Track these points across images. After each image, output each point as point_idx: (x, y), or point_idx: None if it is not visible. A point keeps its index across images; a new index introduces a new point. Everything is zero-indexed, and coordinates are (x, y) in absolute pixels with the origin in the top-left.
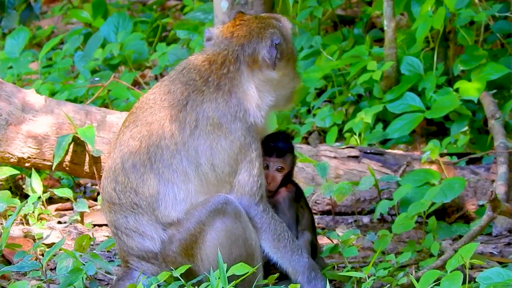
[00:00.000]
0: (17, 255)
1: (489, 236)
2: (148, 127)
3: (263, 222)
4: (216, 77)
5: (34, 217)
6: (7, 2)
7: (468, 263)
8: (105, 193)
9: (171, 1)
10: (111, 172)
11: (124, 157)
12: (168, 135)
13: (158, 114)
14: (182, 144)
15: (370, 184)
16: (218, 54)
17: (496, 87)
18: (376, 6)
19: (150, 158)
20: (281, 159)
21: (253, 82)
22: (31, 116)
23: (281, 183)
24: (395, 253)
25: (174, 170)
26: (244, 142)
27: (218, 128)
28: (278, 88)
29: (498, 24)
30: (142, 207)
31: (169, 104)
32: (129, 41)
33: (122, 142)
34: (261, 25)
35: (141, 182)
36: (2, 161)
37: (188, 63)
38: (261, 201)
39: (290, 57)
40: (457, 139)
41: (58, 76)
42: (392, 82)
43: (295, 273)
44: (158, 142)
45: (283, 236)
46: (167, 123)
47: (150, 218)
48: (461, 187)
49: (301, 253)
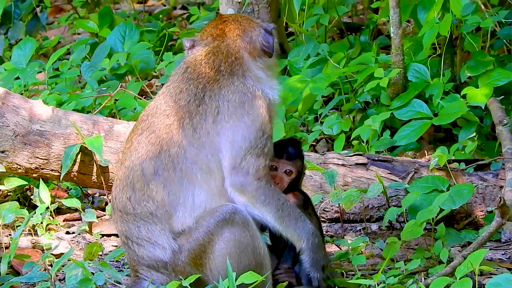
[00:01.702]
0: (26, 266)
1: (498, 242)
2: (167, 129)
3: (266, 195)
4: (227, 65)
5: (42, 228)
6: (14, 12)
7: (477, 270)
8: (117, 202)
9: (177, 11)
10: (125, 181)
11: (144, 164)
12: (190, 132)
13: (176, 115)
14: (206, 134)
15: (378, 191)
16: (218, 47)
17: (503, 93)
18: (382, 13)
19: (173, 160)
20: (290, 162)
21: (259, 68)
22: (39, 127)
23: (288, 190)
24: (404, 260)
25: (199, 169)
26: (265, 119)
27: (241, 106)
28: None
29: (504, 30)
30: (158, 216)
31: (186, 102)
32: (135, 50)
33: (138, 149)
34: (246, 19)
35: (162, 188)
36: (10, 172)
37: (189, 63)
38: (264, 176)
39: None
40: (465, 145)
41: (65, 86)
42: (399, 89)
43: (299, 239)
44: (180, 141)
45: (286, 206)
46: (187, 120)
47: (163, 228)
48: (470, 194)
49: (305, 220)
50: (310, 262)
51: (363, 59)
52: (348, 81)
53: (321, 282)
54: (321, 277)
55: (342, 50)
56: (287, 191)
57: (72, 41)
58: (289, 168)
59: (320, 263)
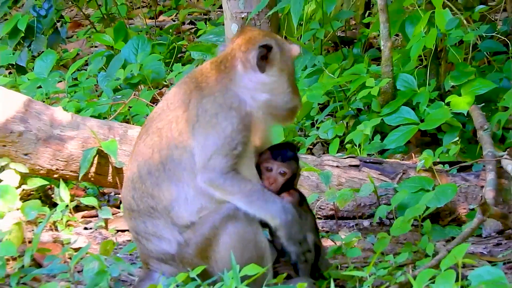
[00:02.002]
0: (47, 259)
1: (479, 237)
2: (159, 132)
3: (233, 185)
4: (215, 72)
5: (62, 224)
6: (36, 27)
7: (460, 263)
8: (125, 201)
9: (186, 25)
10: (129, 182)
11: (139, 166)
12: (176, 135)
13: (166, 118)
14: (187, 139)
15: (369, 190)
16: (219, 56)
17: (484, 100)
18: (373, 28)
19: (162, 162)
20: (285, 164)
21: (248, 80)
22: (59, 131)
23: (284, 188)
24: (393, 253)
25: (183, 169)
26: (237, 127)
27: (215, 117)
28: (271, 93)
29: (485, 43)
30: (158, 211)
31: (175, 107)
32: (147, 62)
33: (137, 153)
34: (261, 33)
35: (156, 186)
36: (32, 173)
37: (195, 69)
38: (229, 171)
39: (283, 68)
40: (449, 148)
41: (83, 94)
42: (389, 97)
43: (272, 218)
44: (167, 145)
45: (253, 191)
46: (174, 124)
47: (166, 221)
48: (453, 193)
49: (274, 201)
50: (286, 237)
51: (355, 70)
52: (342, 90)
53: (299, 256)
54: (299, 250)
55: (337, 62)
56: (283, 189)
57: (90, 53)
58: (283, 170)
59: (296, 238)
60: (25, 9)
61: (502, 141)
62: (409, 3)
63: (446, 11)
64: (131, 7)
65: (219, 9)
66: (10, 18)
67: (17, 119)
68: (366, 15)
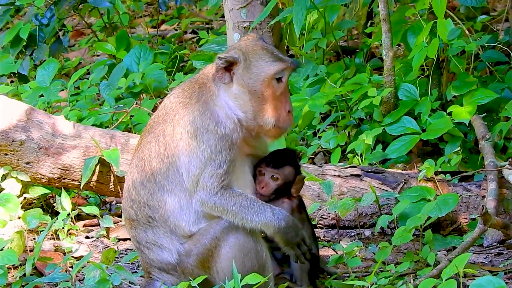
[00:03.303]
0: (48, 267)
1: (480, 247)
2: (148, 145)
3: (223, 204)
4: (198, 87)
5: (64, 233)
6: (38, 36)
7: (461, 272)
8: (124, 211)
9: (188, 35)
10: (127, 193)
11: (134, 177)
12: (162, 149)
13: (154, 132)
14: (172, 155)
15: (371, 200)
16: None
17: (486, 110)
18: (375, 38)
19: (153, 173)
20: (277, 170)
21: (223, 93)
22: (61, 140)
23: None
24: (394, 263)
25: (171, 181)
26: (215, 149)
27: (194, 139)
28: (241, 110)
29: (487, 53)
30: (156, 220)
31: (162, 120)
32: (149, 71)
33: (132, 164)
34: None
35: (150, 197)
36: (34, 182)
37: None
38: (219, 190)
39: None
40: (451, 158)
41: (85, 103)
42: (391, 107)
43: (267, 227)
44: (156, 157)
45: (243, 206)
46: (161, 138)
47: (165, 230)
48: (455, 203)
49: (265, 210)
50: (283, 243)
51: (357, 80)
52: (344, 99)
53: (300, 258)
54: (298, 253)
55: (339, 71)
56: (281, 195)
57: (92, 62)
58: (274, 175)
59: (293, 241)
60: (27, 18)
61: (503, 151)
62: (411, 13)
63: (448, 21)
64: (133, 16)
65: (221, 18)
66: (12, 27)
67: (19, 128)
68: (368, 25)
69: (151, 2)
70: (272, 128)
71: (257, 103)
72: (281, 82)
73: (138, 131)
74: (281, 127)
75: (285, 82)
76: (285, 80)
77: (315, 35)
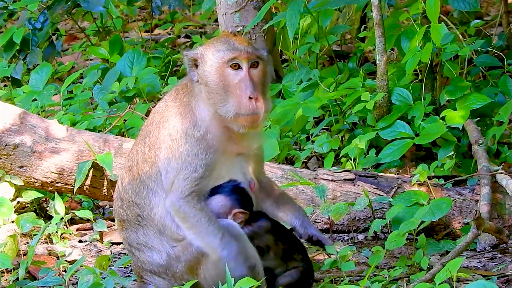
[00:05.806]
0: (42, 271)
1: (473, 251)
2: (136, 146)
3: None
4: (181, 89)
5: (57, 237)
6: (32, 40)
7: (455, 277)
8: (116, 212)
9: (181, 39)
10: (117, 193)
11: (122, 177)
12: (147, 150)
13: (142, 133)
14: (154, 156)
15: (364, 204)
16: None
17: (479, 115)
18: (369, 42)
19: (138, 172)
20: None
21: (199, 92)
22: (54, 144)
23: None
24: (388, 267)
25: (154, 181)
26: (191, 152)
27: (175, 142)
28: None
29: (480, 58)
30: (145, 218)
31: (150, 123)
32: (143, 75)
33: (123, 166)
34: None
35: (137, 195)
36: (27, 186)
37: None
38: (188, 195)
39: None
40: (444, 163)
41: (78, 107)
42: (384, 111)
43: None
44: (141, 157)
45: (202, 222)
46: (147, 139)
47: (154, 231)
48: (448, 207)
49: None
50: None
51: (351, 84)
52: (337, 104)
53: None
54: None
55: (332, 76)
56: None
57: (85, 66)
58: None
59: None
60: (21, 22)
61: (497, 156)
62: (405, 18)
63: (441, 25)
64: (126, 20)
65: (215, 22)
66: (6, 31)
67: (12, 132)
68: (362, 29)
69: (145, 7)
70: (237, 117)
71: (218, 94)
72: (239, 69)
73: (132, 135)
74: (244, 113)
75: (246, 70)
76: (245, 68)
77: (309, 39)
